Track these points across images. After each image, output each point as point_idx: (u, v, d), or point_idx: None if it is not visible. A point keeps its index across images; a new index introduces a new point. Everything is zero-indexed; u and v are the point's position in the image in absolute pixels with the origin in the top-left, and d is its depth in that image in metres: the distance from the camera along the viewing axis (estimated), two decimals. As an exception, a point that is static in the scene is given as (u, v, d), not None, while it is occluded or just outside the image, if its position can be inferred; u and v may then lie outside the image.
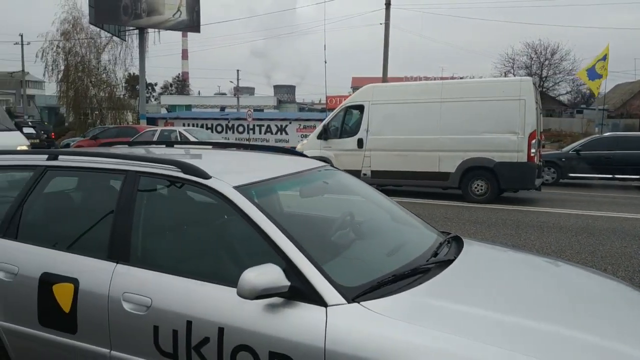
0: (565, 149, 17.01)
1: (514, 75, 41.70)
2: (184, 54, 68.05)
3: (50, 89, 62.90)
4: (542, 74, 46.77)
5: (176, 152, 3.85)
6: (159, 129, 21.85)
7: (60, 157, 3.33)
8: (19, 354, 3.05)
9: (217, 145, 4.44)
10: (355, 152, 12.86)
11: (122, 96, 38.14)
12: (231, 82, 61.58)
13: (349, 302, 2.29)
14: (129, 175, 2.96)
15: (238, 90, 55.27)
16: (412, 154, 12.30)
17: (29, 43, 41.62)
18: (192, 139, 19.51)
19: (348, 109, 13.39)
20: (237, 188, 2.69)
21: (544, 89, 43.85)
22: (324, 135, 13.46)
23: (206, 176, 2.75)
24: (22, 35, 40.66)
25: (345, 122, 13.34)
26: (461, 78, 33.46)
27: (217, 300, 2.48)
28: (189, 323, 2.48)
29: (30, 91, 58.72)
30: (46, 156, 3.35)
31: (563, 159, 15.87)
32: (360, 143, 12.77)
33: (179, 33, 32.07)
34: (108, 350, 2.73)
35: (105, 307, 2.71)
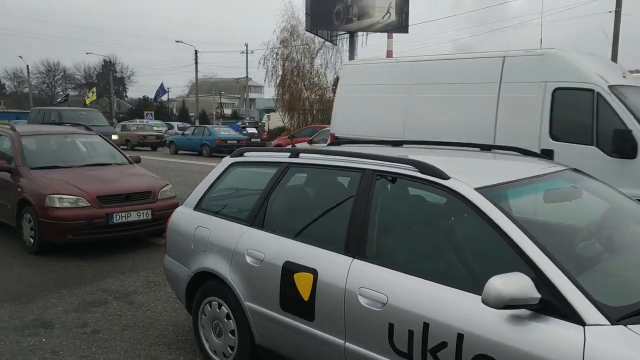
0: None
1: None
2: (389, 55, 69.37)
3: (269, 93, 69.32)
4: None
5: (407, 151, 3.87)
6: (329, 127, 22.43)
7: (301, 154, 3.57)
8: (261, 333, 3.35)
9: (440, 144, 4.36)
10: None
11: (330, 98, 40.24)
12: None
13: (612, 324, 2.03)
14: (366, 174, 3.04)
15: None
16: None
17: (252, 52, 46.51)
18: None
19: None
20: (478, 190, 2.58)
21: None
22: None
23: (445, 176, 2.69)
24: (247, 45, 45.36)
25: None
26: None
27: (456, 305, 2.40)
28: (426, 325, 2.45)
29: (252, 95, 65.28)
30: (289, 154, 3.62)
31: None
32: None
33: (384, 35, 32.66)
34: (342, 341, 2.83)
35: (342, 300, 2.81)
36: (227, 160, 4.06)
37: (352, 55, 31.90)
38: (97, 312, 4.84)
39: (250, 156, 3.98)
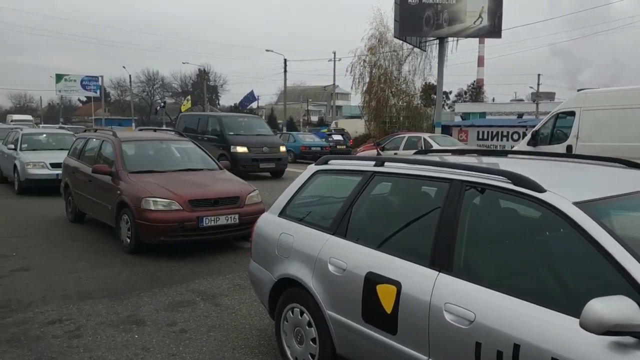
0: None
1: None
2: (480, 61, 67.38)
3: (355, 100, 69.54)
4: None
5: (498, 161, 3.69)
6: (406, 135, 21.89)
7: (386, 163, 3.50)
8: (342, 343, 3.30)
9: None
10: None
11: (418, 105, 39.71)
12: (530, 87, 58.33)
13: None
14: (454, 184, 2.92)
15: (538, 96, 52.14)
16: None
17: (340, 59, 46.75)
18: (435, 145, 19.18)
19: (559, 116, 12.76)
20: (577, 204, 2.39)
21: None
22: (533, 141, 12.95)
23: (540, 189, 2.52)
24: (334, 53, 45.79)
25: (555, 129, 12.78)
26: None
27: (550, 327, 2.24)
28: (517, 346, 2.30)
29: (338, 102, 65.85)
30: (374, 162, 3.57)
31: None
32: (569, 150, 11.99)
33: (475, 40, 31.79)
34: (426, 357, 2.73)
35: (426, 314, 2.71)
36: (312, 167, 4.07)
37: (442, 61, 31.29)
38: (185, 312, 5.01)
39: (335, 164, 3.97)
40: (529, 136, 13.49)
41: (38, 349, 4.17)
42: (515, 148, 14.51)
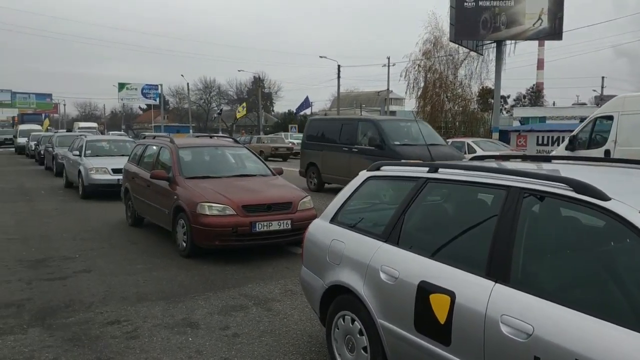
0: None
1: None
2: (540, 64, 65.43)
3: (409, 105, 68.82)
4: None
5: (558, 167, 3.54)
6: (449, 141, 21.34)
7: (440, 169, 3.42)
8: (394, 352, 3.24)
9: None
10: None
11: (474, 110, 38.92)
12: (594, 90, 56.06)
13: None
14: (512, 192, 2.81)
15: (602, 99, 50.07)
16: None
17: (394, 64, 46.38)
18: (479, 151, 18.53)
19: (597, 120, 12.59)
20: (646, 213, 2.25)
21: None
22: (571, 146, 12.82)
23: (604, 197, 2.39)
24: (389, 58, 45.34)
25: (593, 134, 12.61)
26: None
27: (615, 343, 2.11)
28: (578, 363, 2.18)
29: (392, 108, 65.33)
30: (427, 168, 3.49)
31: None
32: (607, 154, 11.74)
33: (535, 42, 30.87)
34: (482, 370, 2.63)
35: (482, 326, 2.62)
36: (364, 173, 4.03)
37: (499, 65, 30.59)
38: (238, 316, 5.06)
39: (388, 170, 3.91)
40: (566, 141, 13.32)
41: (97, 349, 4.31)
42: (553, 153, 14.07)
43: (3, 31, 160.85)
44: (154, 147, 9.26)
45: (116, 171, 12.38)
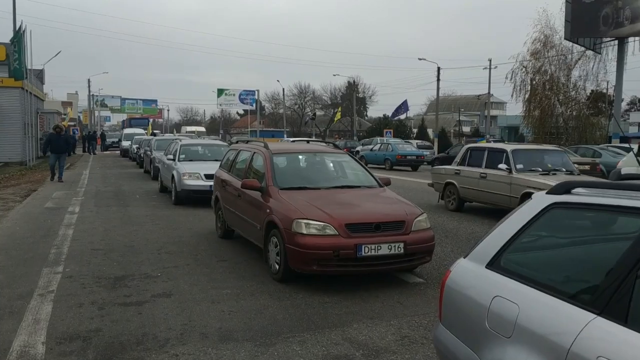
0: None
1: None
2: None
3: (511, 109, 65.00)
4: None
5: None
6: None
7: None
8: None
9: None
10: None
11: (590, 113, 35.41)
12: None
13: None
14: None
15: None
16: None
17: (496, 67, 43.43)
18: None
19: None
20: None
21: None
22: None
23: None
24: (490, 60, 42.54)
25: None
26: None
27: None
28: None
29: (492, 112, 61.87)
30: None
31: None
32: None
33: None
34: None
35: None
36: (542, 197, 2.71)
37: (621, 65, 27.61)
38: (343, 375, 3.90)
39: (584, 195, 2.55)
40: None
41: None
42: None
43: (123, 41, 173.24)
44: (247, 153, 8.32)
45: (208, 177, 11.67)
